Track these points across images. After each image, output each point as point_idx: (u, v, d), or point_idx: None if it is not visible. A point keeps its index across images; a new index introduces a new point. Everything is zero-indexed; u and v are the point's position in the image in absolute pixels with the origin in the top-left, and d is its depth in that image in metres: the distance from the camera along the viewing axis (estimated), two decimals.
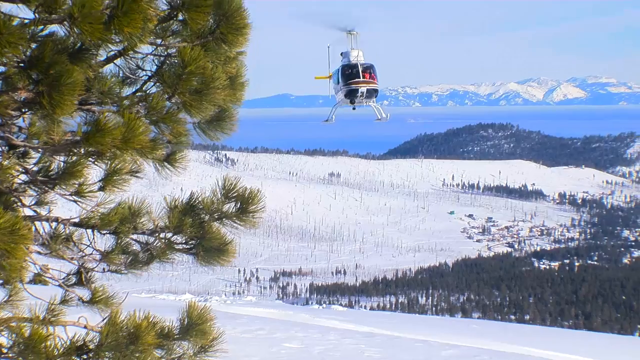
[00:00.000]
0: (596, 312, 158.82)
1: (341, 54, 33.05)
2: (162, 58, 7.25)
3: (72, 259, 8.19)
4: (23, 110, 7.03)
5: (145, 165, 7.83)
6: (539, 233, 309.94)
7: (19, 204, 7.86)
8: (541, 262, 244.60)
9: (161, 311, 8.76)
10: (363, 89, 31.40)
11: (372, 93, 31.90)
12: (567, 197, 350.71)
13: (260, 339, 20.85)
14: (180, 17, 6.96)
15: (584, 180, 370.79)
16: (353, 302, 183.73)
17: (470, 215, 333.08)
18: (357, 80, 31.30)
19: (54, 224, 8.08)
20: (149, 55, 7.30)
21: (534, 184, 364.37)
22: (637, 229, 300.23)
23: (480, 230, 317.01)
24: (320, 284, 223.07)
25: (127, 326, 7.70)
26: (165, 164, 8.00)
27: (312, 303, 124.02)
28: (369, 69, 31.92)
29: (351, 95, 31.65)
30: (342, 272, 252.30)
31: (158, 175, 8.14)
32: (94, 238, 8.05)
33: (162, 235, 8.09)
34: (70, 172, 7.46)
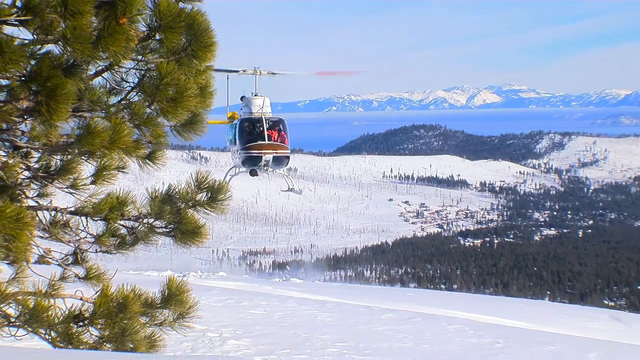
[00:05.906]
0: (512, 281, 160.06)
1: (241, 99, 21.91)
2: (142, 71, 7.25)
3: (69, 242, 8.18)
4: (25, 116, 7.01)
5: (130, 163, 7.85)
6: (464, 216, 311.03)
7: (23, 196, 7.86)
8: (466, 240, 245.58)
9: (146, 285, 8.78)
10: (268, 156, 20.94)
11: (281, 161, 21.70)
12: (487, 185, 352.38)
13: (230, 306, 20.89)
14: (157, 37, 6.98)
15: (501, 171, 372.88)
16: (309, 276, 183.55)
17: (406, 202, 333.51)
18: (260, 143, 20.69)
19: (53, 213, 8.07)
20: (131, 69, 7.29)
21: (459, 175, 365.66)
22: (545, 212, 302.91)
23: (415, 214, 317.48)
24: (281, 261, 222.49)
25: (116, 297, 7.75)
26: (147, 161, 8.01)
27: (274, 277, 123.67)
28: (277, 126, 21.27)
29: (251, 163, 21.40)
30: (300, 251, 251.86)
31: (141, 171, 8.15)
32: (87, 224, 8.05)
33: (145, 221, 8.10)
34: (66, 169, 7.48)
